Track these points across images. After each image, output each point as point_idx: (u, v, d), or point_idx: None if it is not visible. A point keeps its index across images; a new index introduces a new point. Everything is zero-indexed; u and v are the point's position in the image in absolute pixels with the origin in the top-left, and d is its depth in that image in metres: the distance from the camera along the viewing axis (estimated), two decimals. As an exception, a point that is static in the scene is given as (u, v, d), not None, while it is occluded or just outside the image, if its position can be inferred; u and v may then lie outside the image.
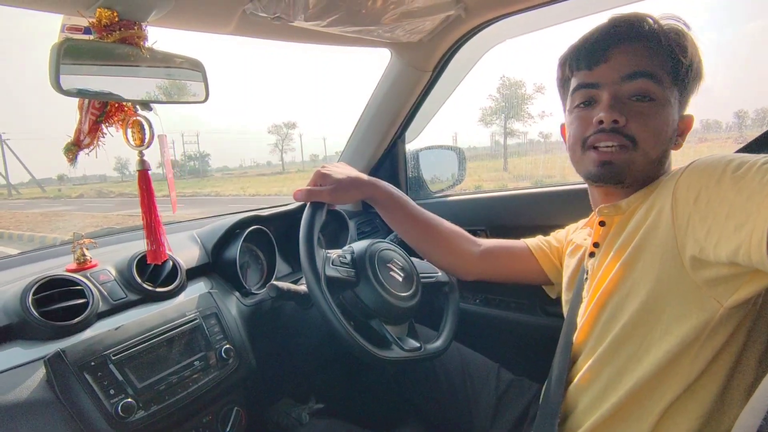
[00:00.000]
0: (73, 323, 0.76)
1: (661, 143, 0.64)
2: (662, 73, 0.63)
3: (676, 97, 0.64)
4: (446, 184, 1.53)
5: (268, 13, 0.78)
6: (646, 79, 0.63)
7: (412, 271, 0.98)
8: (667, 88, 0.63)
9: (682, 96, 0.65)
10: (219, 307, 0.93)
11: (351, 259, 0.92)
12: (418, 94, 1.27)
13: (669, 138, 0.65)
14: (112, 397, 0.71)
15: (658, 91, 0.63)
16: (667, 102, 0.63)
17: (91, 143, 0.71)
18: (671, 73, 0.63)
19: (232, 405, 0.92)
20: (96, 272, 0.86)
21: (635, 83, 0.63)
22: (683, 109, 0.67)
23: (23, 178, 38.07)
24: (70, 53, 0.61)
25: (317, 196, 0.82)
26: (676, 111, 0.65)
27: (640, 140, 0.64)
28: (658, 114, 0.63)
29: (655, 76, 0.62)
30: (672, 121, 0.64)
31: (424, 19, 0.97)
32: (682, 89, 0.65)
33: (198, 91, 0.76)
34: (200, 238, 1.09)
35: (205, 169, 50.39)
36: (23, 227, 10.46)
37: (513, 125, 27.20)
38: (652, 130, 0.63)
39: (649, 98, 0.63)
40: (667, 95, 0.63)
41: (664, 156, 0.66)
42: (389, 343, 0.85)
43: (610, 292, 0.64)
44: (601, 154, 0.66)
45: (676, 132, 0.67)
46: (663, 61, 0.63)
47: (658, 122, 0.63)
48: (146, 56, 0.68)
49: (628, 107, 0.64)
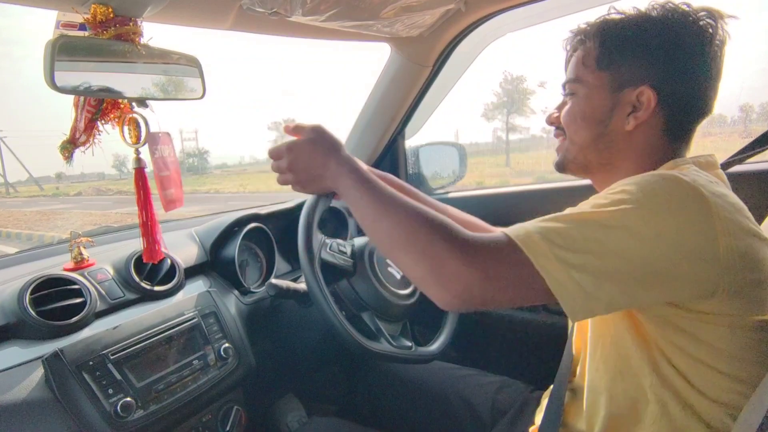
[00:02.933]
0: (71, 322, 0.76)
1: (584, 128, 0.68)
2: (583, 71, 0.68)
3: (605, 80, 0.66)
4: (447, 181, 1.53)
5: (266, 8, 0.77)
6: (570, 83, 0.70)
7: None
8: (589, 80, 0.67)
9: (618, 75, 0.65)
10: (218, 305, 0.92)
11: (351, 251, 0.92)
12: (419, 89, 1.26)
13: (598, 120, 0.67)
14: (110, 397, 0.71)
15: (578, 88, 0.69)
16: (590, 91, 0.67)
17: (87, 141, 0.70)
18: (594, 63, 0.67)
19: (231, 404, 0.92)
20: (94, 271, 0.86)
21: (566, 88, 0.71)
22: (625, 84, 0.65)
23: (21, 176, 38.06)
24: (65, 50, 0.61)
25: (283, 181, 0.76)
26: (606, 93, 0.66)
27: (565, 129, 0.71)
28: (577, 104, 0.69)
29: (576, 79, 0.69)
30: (598, 103, 0.67)
31: (423, 13, 0.96)
32: (612, 69, 0.66)
33: (195, 87, 0.76)
34: (199, 236, 1.08)
35: (204, 167, 50.34)
36: (21, 226, 10.45)
37: (515, 120, 27.17)
38: (568, 117, 0.70)
39: (572, 95, 0.70)
40: (589, 85, 0.67)
41: (602, 138, 0.67)
42: (378, 336, 0.85)
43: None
44: (557, 146, 0.74)
45: (615, 110, 0.66)
46: (586, 58, 0.68)
47: (577, 110, 0.69)
48: (142, 53, 0.67)
49: (561, 105, 0.73)
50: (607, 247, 0.51)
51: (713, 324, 0.54)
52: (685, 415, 0.56)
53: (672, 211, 0.51)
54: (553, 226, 0.54)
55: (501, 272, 0.53)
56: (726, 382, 0.55)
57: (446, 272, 0.54)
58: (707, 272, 0.51)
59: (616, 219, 0.52)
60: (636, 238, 0.50)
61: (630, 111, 0.65)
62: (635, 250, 0.50)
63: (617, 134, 0.67)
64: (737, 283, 0.51)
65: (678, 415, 0.57)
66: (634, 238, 0.51)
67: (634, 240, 0.50)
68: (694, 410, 0.56)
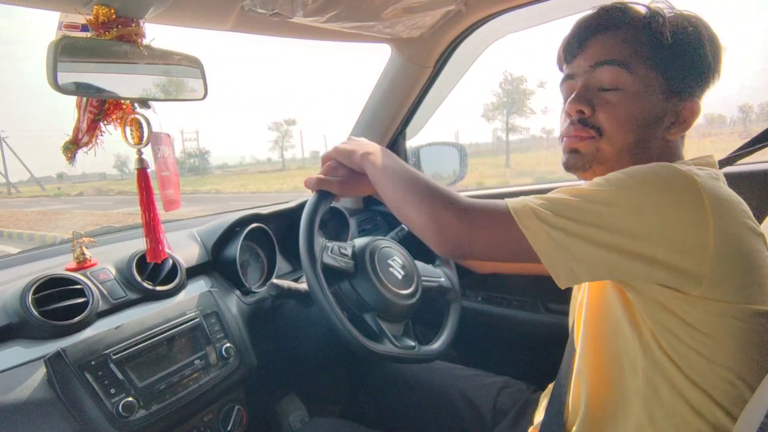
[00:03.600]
0: (73, 322, 0.76)
1: (630, 131, 0.63)
2: (634, 59, 0.62)
3: (657, 82, 0.62)
4: (448, 181, 1.52)
5: (267, 9, 0.77)
6: (614, 66, 0.63)
7: (413, 270, 0.98)
8: (640, 74, 0.62)
9: (670, 80, 0.63)
10: (219, 305, 0.92)
11: (351, 252, 0.92)
12: (419, 90, 1.27)
13: (645, 125, 0.63)
14: (112, 397, 0.71)
15: (627, 79, 0.62)
16: (641, 89, 0.62)
17: (89, 142, 0.70)
18: (647, 56, 0.62)
19: (233, 404, 0.92)
20: (96, 271, 0.86)
21: (602, 71, 0.64)
22: (678, 94, 0.63)
23: (23, 177, 38.11)
24: (68, 51, 0.61)
25: (327, 185, 0.81)
26: (657, 97, 0.63)
27: (605, 131, 0.64)
28: (627, 103, 0.63)
29: (623, 63, 0.62)
30: (648, 108, 0.63)
31: (424, 14, 0.96)
32: (667, 73, 0.62)
33: (196, 87, 0.76)
34: (200, 236, 1.09)
35: (205, 167, 50.38)
36: (23, 226, 10.47)
37: (515, 121, 27.18)
38: (618, 119, 0.63)
39: (618, 87, 0.63)
40: (640, 82, 0.62)
41: (643, 143, 0.64)
42: (381, 337, 0.85)
43: (605, 291, 0.63)
44: (570, 141, 0.67)
45: (664, 119, 0.64)
46: (636, 46, 0.62)
47: (626, 111, 0.63)
48: (144, 53, 0.68)
49: (597, 97, 0.64)
50: (589, 216, 0.54)
51: (703, 310, 0.54)
52: (675, 401, 0.57)
53: (662, 192, 0.53)
54: (546, 196, 0.58)
55: (489, 228, 0.59)
56: (715, 370, 0.55)
57: (442, 220, 0.60)
58: (694, 257, 0.52)
59: (605, 193, 0.55)
60: (619, 212, 0.53)
61: (673, 120, 0.64)
62: (615, 222, 0.53)
63: (657, 140, 0.64)
64: (725, 271, 0.52)
65: (668, 400, 0.57)
66: (616, 211, 0.53)
67: (616, 213, 0.53)
68: (684, 397, 0.56)
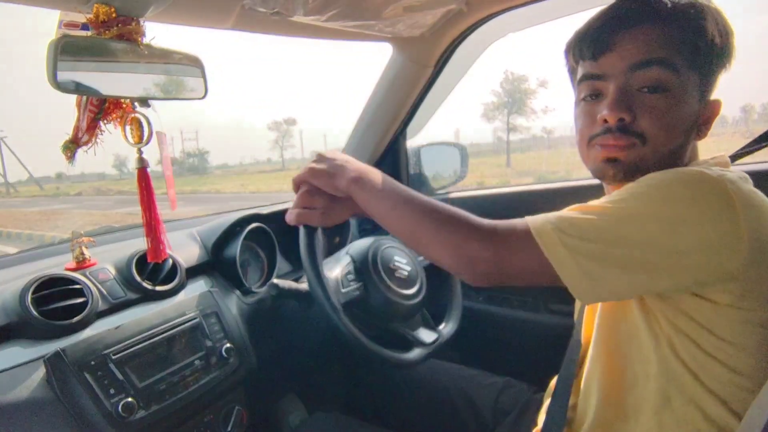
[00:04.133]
0: (73, 322, 0.76)
1: (675, 137, 0.59)
2: (677, 59, 0.57)
3: (695, 83, 0.58)
4: (448, 181, 1.53)
5: (268, 8, 0.77)
6: (658, 67, 0.57)
7: (414, 262, 0.98)
8: (683, 75, 0.57)
9: (705, 80, 0.59)
10: (219, 305, 0.92)
11: (354, 268, 0.93)
12: (420, 89, 1.26)
13: (687, 130, 0.59)
14: (112, 397, 0.71)
15: (673, 80, 0.57)
16: (684, 91, 0.58)
17: (89, 141, 0.70)
18: (689, 56, 0.57)
19: (233, 404, 0.92)
20: (95, 271, 0.86)
21: (645, 73, 0.57)
22: (707, 94, 0.60)
23: (21, 177, 38.08)
24: (68, 50, 0.61)
25: (307, 219, 0.75)
26: (695, 99, 0.59)
27: (650, 137, 0.58)
28: (673, 106, 0.58)
29: (668, 63, 0.56)
30: (690, 111, 0.59)
31: (425, 13, 0.96)
32: (704, 73, 0.58)
33: (197, 86, 0.76)
34: (200, 236, 1.08)
35: (204, 167, 50.37)
36: (21, 226, 10.46)
37: (516, 121, 27.21)
38: (665, 125, 0.58)
39: (662, 89, 0.57)
40: (683, 83, 0.57)
41: (682, 148, 0.61)
42: (410, 344, 0.87)
43: None
44: (608, 150, 0.61)
45: (698, 121, 0.61)
46: (678, 45, 0.57)
47: (673, 116, 0.58)
48: (144, 52, 0.67)
49: (637, 100, 0.58)
50: (618, 237, 0.52)
51: (729, 318, 0.53)
52: (688, 409, 0.56)
53: (692, 203, 0.51)
54: (568, 216, 0.55)
55: (515, 256, 0.56)
56: (734, 379, 0.54)
57: (468, 255, 0.58)
58: (727, 266, 0.50)
59: (631, 210, 0.53)
60: (649, 229, 0.51)
61: (702, 121, 0.62)
62: (646, 240, 0.51)
63: (690, 142, 0.62)
64: (756, 278, 0.51)
65: (680, 408, 0.56)
66: (646, 228, 0.51)
67: (647, 230, 0.51)
68: (697, 404, 0.56)
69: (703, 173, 0.52)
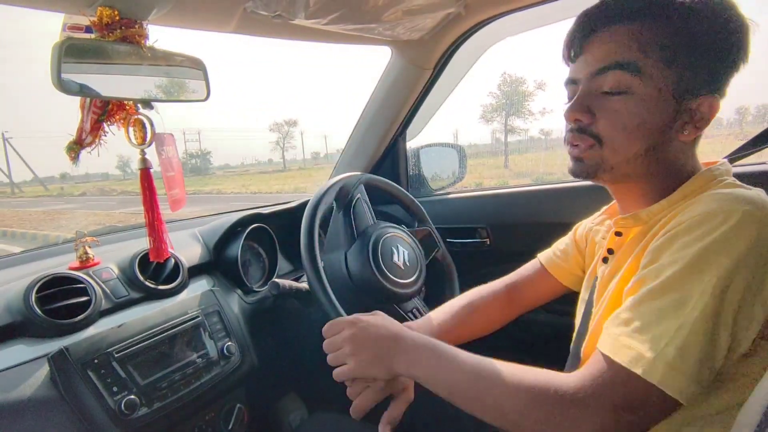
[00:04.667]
0: (76, 321, 0.77)
1: (635, 139, 0.58)
2: (645, 60, 0.56)
3: (671, 81, 0.56)
4: (447, 182, 1.53)
5: (269, 11, 0.78)
6: (617, 71, 0.57)
7: (416, 262, 0.99)
8: (650, 76, 0.56)
9: (687, 78, 0.56)
10: (221, 304, 0.93)
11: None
12: (419, 92, 1.27)
13: (656, 131, 0.57)
14: (115, 394, 0.72)
15: (634, 82, 0.56)
16: (650, 92, 0.56)
17: (92, 142, 0.71)
18: (663, 54, 0.55)
19: (234, 402, 0.93)
20: (98, 270, 0.87)
21: (605, 78, 0.58)
22: (692, 91, 0.56)
23: (26, 177, 38.17)
24: (72, 52, 0.62)
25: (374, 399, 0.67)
26: (668, 98, 0.56)
27: (606, 139, 0.59)
28: (633, 108, 0.57)
29: (628, 66, 0.56)
30: (658, 112, 0.57)
31: (424, 17, 0.97)
32: (685, 70, 0.56)
33: (199, 89, 0.77)
34: (202, 236, 1.09)
35: (206, 167, 50.42)
36: (26, 225, 10.49)
37: (514, 122, 27.21)
38: (621, 127, 0.58)
39: (623, 91, 0.57)
40: (652, 84, 0.56)
41: (658, 149, 0.59)
42: None
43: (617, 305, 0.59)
44: (572, 150, 0.63)
45: (676, 120, 0.57)
46: (649, 43, 0.55)
47: (632, 118, 0.57)
48: (147, 55, 0.68)
49: (598, 103, 0.59)
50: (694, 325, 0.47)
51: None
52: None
53: (734, 249, 0.48)
54: (672, 347, 0.47)
55: (622, 407, 0.48)
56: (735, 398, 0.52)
57: (562, 426, 0.49)
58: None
59: (712, 288, 0.47)
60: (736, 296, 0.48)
61: (688, 119, 0.57)
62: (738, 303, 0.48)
63: (669, 144, 0.59)
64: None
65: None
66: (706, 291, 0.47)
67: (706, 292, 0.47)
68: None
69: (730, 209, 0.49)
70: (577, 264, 0.85)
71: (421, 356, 0.61)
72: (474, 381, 0.56)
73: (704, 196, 0.54)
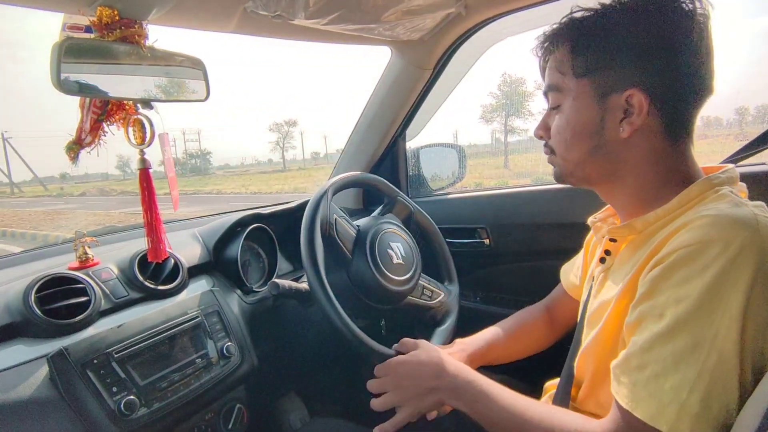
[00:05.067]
0: (76, 321, 0.76)
1: (574, 145, 0.63)
2: (560, 78, 0.63)
3: (587, 87, 0.60)
4: (447, 182, 1.53)
5: (269, 11, 0.78)
6: (551, 92, 0.65)
7: (413, 259, 0.99)
8: (571, 89, 0.62)
9: (600, 80, 0.59)
10: (220, 304, 0.93)
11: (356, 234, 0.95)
12: (419, 92, 1.27)
13: (588, 134, 0.61)
14: (114, 395, 0.72)
15: (561, 98, 0.64)
16: (574, 103, 0.62)
17: (92, 142, 0.71)
18: (577, 64, 0.60)
19: (233, 402, 0.93)
20: (98, 270, 0.87)
21: (548, 98, 0.66)
22: (611, 92, 0.59)
23: (26, 177, 38.18)
24: (71, 52, 0.62)
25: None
26: (591, 104, 0.60)
27: (555, 149, 0.67)
28: (563, 120, 0.63)
29: (554, 87, 0.64)
30: (586, 118, 0.61)
31: (424, 17, 0.97)
32: (595, 75, 0.59)
33: (199, 89, 0.77)
34: (202, 236, 1.09)
35: (206, 167, 50.43)
36: (26, 225, 10.49)
37: (514, 122, 27.23)
38: (560, 138, 0.65)
39: (557, 108, 0.65)
40: (571, 95, 0.62)
41: (600, 150, 0.61)
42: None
43: (606, 309, 0.61)
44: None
45: (606, 120, 0.60)
46: (563, 63, 0.62)
47: (565, 128, 0.63)
48: (147, 55, 0.68)
49: (551, 120, 0.66)
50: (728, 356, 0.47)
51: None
52: None
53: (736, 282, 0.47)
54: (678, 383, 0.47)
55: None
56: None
57: None
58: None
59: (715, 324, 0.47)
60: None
61: (622, 117, 0.59)
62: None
63: (614, 143, 0.61)
64: None
65: None
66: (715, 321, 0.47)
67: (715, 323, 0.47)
68: None
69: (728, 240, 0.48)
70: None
71: (461, 392, 0.68)
72: (510, 419, 0.62)
73: (697, 219, 0.52)
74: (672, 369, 0.47)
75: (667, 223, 0.58)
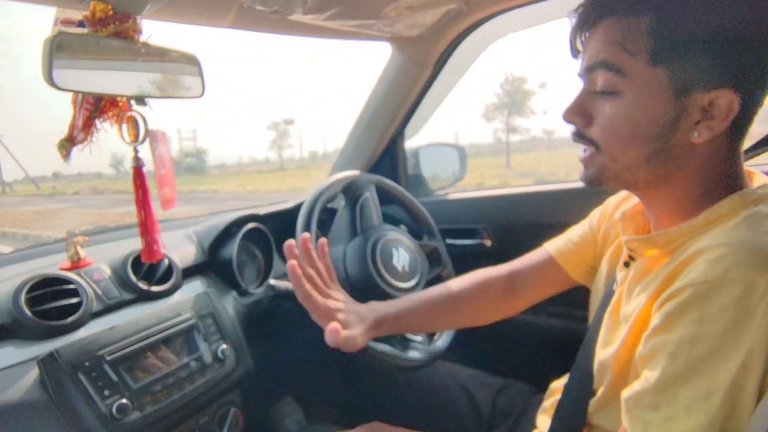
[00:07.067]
0: (67, 323, 0.75)
1: (631, 145, 0.53)
2: (627, 58, 0.50)
3: (666, 78, 0.49)
4: (447, 182, 1.52)
5: (266, 6, 0.77)
6: (602, 70, 0.52)
7: (417, 265, 0.99)
8: (637, 75, 0.50)
9: (684, 72, 0.49)
10: (215, 306, 0.92)
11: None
12: (419, 89, 1.26)
13: (653, 136, 0.51)
14: (106, 398, 0.70)
15: (620, 83, 0.51)
16: (640, 93, 0.51)
17: (84, 139, 0.69)
18: (652, 49, 0.49)
19: (228, 406, 0.91)
20: (90, 271, 0.85)
21: (593, 77, 0.53)
22: (692, 89, 0.49)
23: (18, 176, 37.98)
24: (64, 47, 0.60)
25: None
26: (663, 98, 0.50)
27: (602, 145, 0.54)
28: (622, 111, 0.52)
29: (612, 66, 0.51)
30: (653, 114, 0.51)
31: (424, 13, 0.95)
32: (677, 65, 0.49)
33: (194, 85, 0.75)
34: (196, 236, 1.08)
35: (202, 166, 50.30)
36: (17, 225, 10.42)
37: (515, 121, 27.33)
38: (613, 132, 0.53)
39: (611, 93, 0.52)
40: (638, 84, 0.51)
41: (662, 156, 0.52)
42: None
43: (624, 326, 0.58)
44: (580, 154, 0.58)
45: (679, 122, 0.50)
46: (635, 40, 0.49)
47: (622, 122, 0.52)
48: (141, 50, 0.67)
49: (594, 105, 0.55)
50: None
51: None
52: None
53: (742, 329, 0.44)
54: (689, 429, 0.46)
55: None
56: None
57: None
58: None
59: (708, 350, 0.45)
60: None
61: (698, 119, 0.50)
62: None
63: (679, 147, 0.52)
64: None
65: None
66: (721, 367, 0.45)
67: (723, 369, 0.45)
68: None
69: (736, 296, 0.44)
70: (592, 254, 0.78)
71: None
72: None
73: (716, 248, 0.47)
74: (684, 414, 0.46)
75: (689, 240, 0.53)
